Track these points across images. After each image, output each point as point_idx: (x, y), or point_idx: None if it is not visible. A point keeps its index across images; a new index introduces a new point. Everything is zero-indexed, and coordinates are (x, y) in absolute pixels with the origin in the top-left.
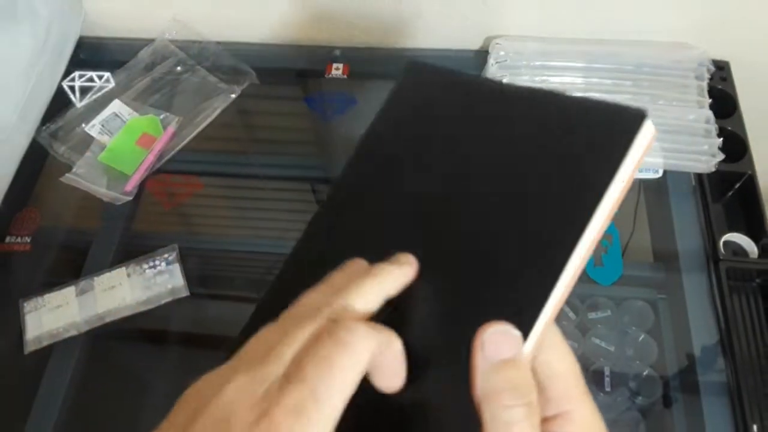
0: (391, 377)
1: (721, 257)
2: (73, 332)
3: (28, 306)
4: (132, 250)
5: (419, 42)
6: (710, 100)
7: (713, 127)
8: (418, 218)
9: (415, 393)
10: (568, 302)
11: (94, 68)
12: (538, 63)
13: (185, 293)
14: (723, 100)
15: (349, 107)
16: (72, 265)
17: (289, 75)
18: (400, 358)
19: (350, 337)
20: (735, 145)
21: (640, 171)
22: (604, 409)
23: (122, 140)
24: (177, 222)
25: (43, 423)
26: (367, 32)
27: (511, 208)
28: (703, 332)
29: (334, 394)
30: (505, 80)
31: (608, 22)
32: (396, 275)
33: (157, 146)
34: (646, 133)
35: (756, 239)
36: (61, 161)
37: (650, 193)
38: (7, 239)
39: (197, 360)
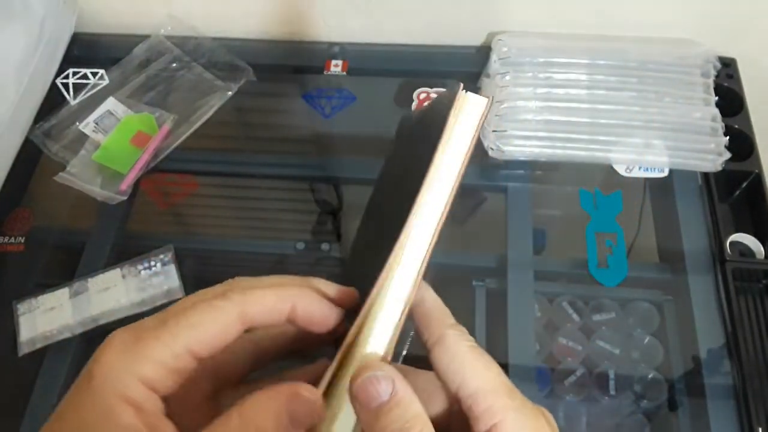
0: (317, 325)
1: (728, 258)
2: (67, 334)
3: (22, 308)
4: (127, 251)
5: (420, 38)
6: (716, 98)
7: (720, 125)
8: (366, 241)
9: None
10: (572, 304)
11: (88, 65)
12: (541, 59)
13: (181, 295)
14: (729, 98)
15: (348, 104)
16: (66, 265)
17: (287, 71)
18: (313, 308)
19: (221, 301)
20: (742, 143)
21: (646, 170)
22: (608, 412)
23: (116, 138)
24: (173, 222)
25: (36, 426)
26: (367, 28)
27: (385, 219)
28: (709, 334)
29: (182, 339)
30: (507, 77)
31: (613, 17)
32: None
33: (152, 145)
34: (467, 105)
35: (763, 240)
36: (54, 160)
37: (656, 192)
38: (0, 239)
39: None
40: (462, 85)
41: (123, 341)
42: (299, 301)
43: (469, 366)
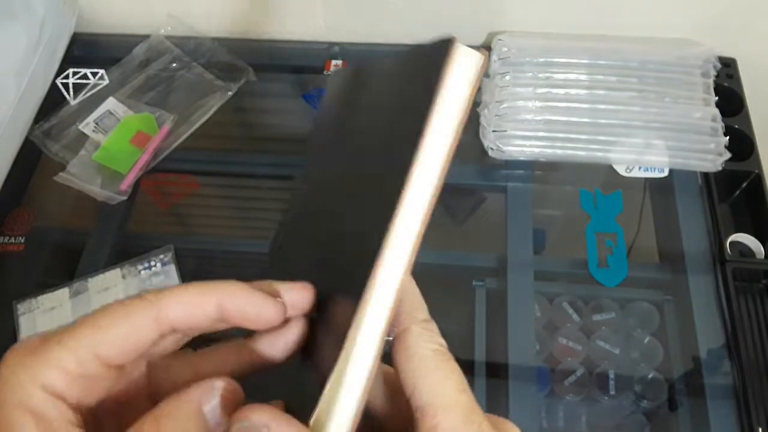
0: (254, 321)
1: (728, 258)
2: None
3: (22, 308)
4: (127, 251)
5: (420, 38)
6: (716, 98)
7: (720, 126)
8: (310, 216)
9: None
10: (572, 304)
11: (88, 65)
12: (541, 59)
13: None
14: (729, 98)
15: None
16: (66, 265)
17: (287, 71)
18: (243, 301)
19: (133, 300)
20: (742, 143)
21: (646, 170)
22: (608, 412)
23: (117, 139)
24: (172, 222)
25: None
26: (367, 28)
27: (354, 195)
28: (709, 334)
29: (87, 342)
30: (507, 77)
31: (613, 17)
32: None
33: (152, 145)
34: (462, 61)
35: (763, 240)
36: (54, 160)
37: (656, 192)
38: (0, 239)
39: None
40: (456, 37)
41: (27, 346)
42: (226, 295)
43: (423, 372)
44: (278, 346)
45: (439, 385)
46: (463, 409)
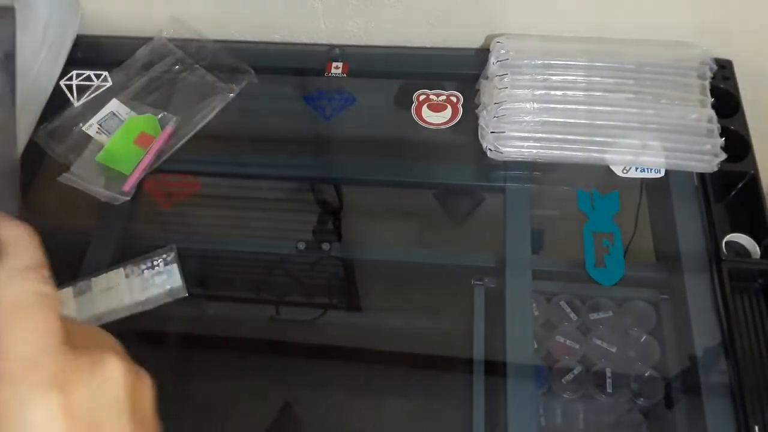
0: None
1: (724, 258)
2: None
3: None
4: (130, 251)
5: (419, 40)
6: (712, 99)
7: (716, 127)
8: None
9: None
10: (570, 303)
11: (92, 67)
12: (539, 61)
13: (183, 294)
14: (725, 100)
15: (348, 106)
16: (69, 265)
17: (288, 73)
18: None
19: None
20: (737, 144)
21: (642, 171)
22: (605, 410)
23: (120, 140)
24: (175, 222)
25: None
26: (367, 31)
27: None
28: (705, 333)
29: None
30: (506, 79)
31: (610, 20)
32: None
33: (155, 146)
34: None
35: (759, 240)
36: (58, 161)
37: (652, 193)
38: None
39: (195, 361)
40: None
41: None
42: None
43: None
44: None
45: None
46: None
